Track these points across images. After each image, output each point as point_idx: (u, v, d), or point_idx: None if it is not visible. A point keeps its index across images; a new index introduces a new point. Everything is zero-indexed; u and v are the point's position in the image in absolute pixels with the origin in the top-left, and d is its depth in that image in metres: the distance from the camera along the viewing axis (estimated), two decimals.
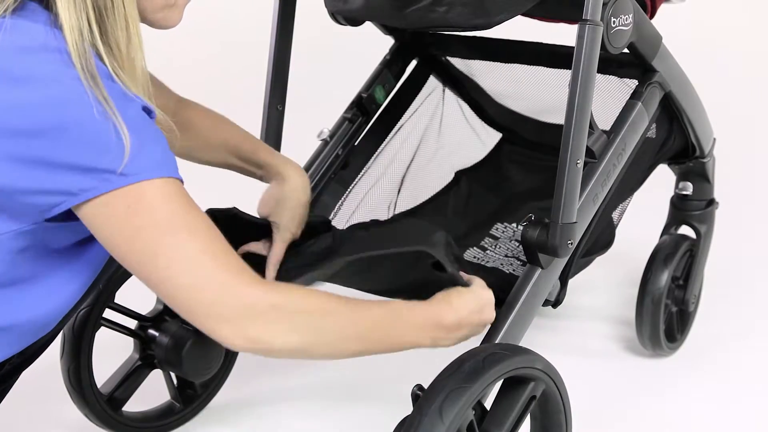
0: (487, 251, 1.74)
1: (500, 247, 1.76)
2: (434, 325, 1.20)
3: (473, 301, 1.26)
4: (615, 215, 1.61)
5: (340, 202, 1.77)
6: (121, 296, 1.55)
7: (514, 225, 1.78)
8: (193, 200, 1.07)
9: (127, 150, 1.00)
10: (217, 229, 1.07)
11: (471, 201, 1.92)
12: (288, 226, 1.45)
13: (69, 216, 1.06)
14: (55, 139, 1.00)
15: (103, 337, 1.57)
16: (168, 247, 1.01)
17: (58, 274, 1.15)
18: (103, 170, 1.00)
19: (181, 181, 1.06)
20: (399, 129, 1.87)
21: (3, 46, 1.04)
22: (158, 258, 1.02)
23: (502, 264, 1.67)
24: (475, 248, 1.76)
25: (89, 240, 1.14)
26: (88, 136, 1.00)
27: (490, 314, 1.29)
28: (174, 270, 1.02)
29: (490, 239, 1.79)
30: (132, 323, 1.60)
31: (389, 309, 1.17)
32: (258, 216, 1.47)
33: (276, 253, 1.45)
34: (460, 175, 1.96)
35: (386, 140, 1.85)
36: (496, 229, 1.82)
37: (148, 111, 1.07)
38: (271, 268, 1.43)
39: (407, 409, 1.18)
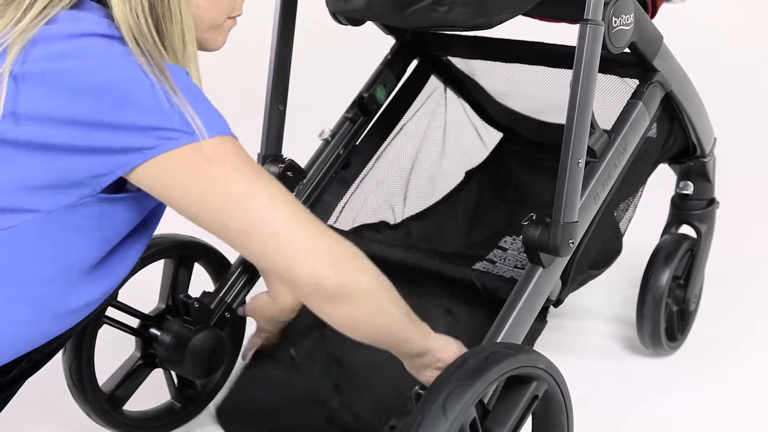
0: (497, 264, 1.75)
1: (509, 259, 1.76)
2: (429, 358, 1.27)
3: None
4: (622, 225, 1.61)
5: (343, 203, 1.77)
6: (123, 295, 1.55)
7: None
8: None
9: (190, 111, 1.04)
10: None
11: (479, 206, 1.92)
12: (267, 331, 1.55)
13: (123, 188, 1.09)
14: (113, 102, 1.03)
15: (105, 335, 1.57)
16: (264, 188, 1.05)
17: (120, 250, 1.17)
18: (168, 129, 1.03)
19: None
20: (400, 129, 1.87)
21: (53, 34, 1.07)
22: (258, 199, 1.04)
23: (511, 276, 1.67)
24: (484, 261, 1.76)
25: (143, 215, 1.17)
26: (147, 98, 1.03)
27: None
28: (277, 209, 1.05)
29: (499, 251, 1.80)
30: (134, 322, 1.60)
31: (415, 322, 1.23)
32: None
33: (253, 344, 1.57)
34: (470, 175, 1.96)
35: (387, 140, 1.85)
36: (505, 241, 1.82)
37: None
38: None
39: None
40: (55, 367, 1.51)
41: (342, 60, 3.05)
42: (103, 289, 1.17)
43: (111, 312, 1.56)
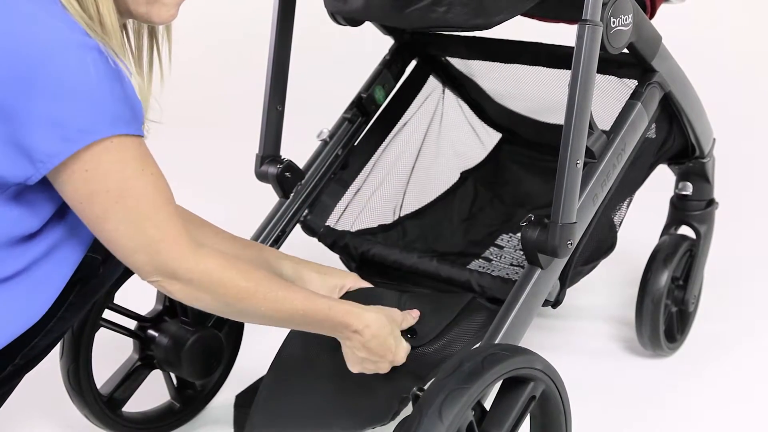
0: (493, 262, 1.75)
1: (505, 257, 1.76)
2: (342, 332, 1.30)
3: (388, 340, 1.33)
4: (616, 219, 1.61)
5: (345, 205, 1.77)
6: (120, 297, 1.55)
7: (519, 235, 1.79)
8: (149, 156, 1.12)
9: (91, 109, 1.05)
10: (165, 190, 1.14)
11: (476, 205, 1.92)
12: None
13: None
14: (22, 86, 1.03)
15: (103, 337, 1.57)
16: (116, 214, 1.10)
17: (56, 231, 1.19)
18: (71, 130, 1.04)
19: (141, 136, 1.11)
20: (399, 130, 1.87)
21: None
22: (107, 222, 1.10)
23: (507, 273, 1.67)
24: (480, 259, 1.76)
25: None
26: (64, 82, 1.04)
27: (398, 357, 1.35)
28: (119, 233, 1.11)
29: (496, 248, 1.80)
30: (131, 323, 1.60)
31: (309, 310, 1.26)
32: None
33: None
34: (466, 175, 1.96)
35: (386, 141, 1.85)
36: (501, 239, 1.82)
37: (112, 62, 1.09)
38: None
39: (407, 409, 1.18)
40: (53, 370, 1.51)
41: (340, 60, 3.05)
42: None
43: (108, 314, 1.56)
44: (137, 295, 1.60)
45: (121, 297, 1.55)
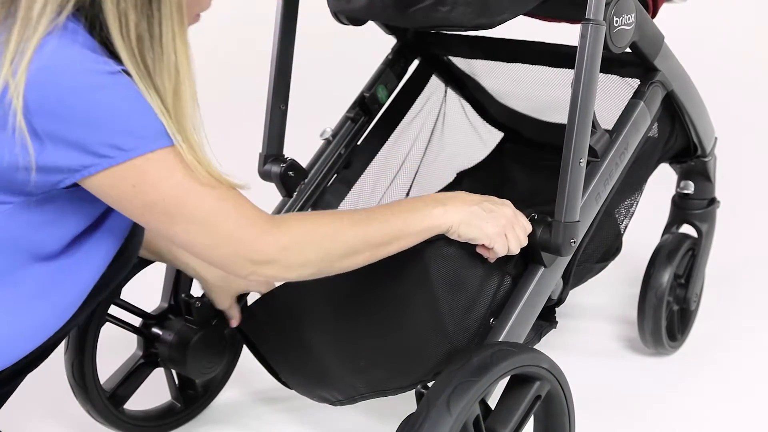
0: None
1: None
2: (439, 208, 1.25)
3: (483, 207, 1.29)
4: (622, 226, 1.61)
5: (348, 204, 1.77)
6: (127, 293, 1.55)
7: None
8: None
9: (126, 125, 1.04)
10: (224, 181, 1.10)
11: None
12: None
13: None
14: (59, 116, 1.02)
15: (107, 333, 1.57)
16: (182, 216, 1.08)
17: (87, 241, 1.18)
18: (103, 145, 1.03)
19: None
20: (402, 129, 1.87)
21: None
22: (176, 225, 1.08)
23: None
24: None
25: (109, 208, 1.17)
26: (89, 114, 1.03)
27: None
28: (192, 233, 1.09)
29: None
30: (137, 320, 1.60)
31: (393, 216, 1.21)
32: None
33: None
34: (462, 176, 1.96)
35: (389, 140, 1.85)
36: None
37: None
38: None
39: (411, 406, 1.19)
40: (57, 364, 1.51)
41: (343, 60, 3.05)
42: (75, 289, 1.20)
43: (114, 310, 1.56)
44: (143, 293, 1.61)
45: (127, 294, 1.56)
